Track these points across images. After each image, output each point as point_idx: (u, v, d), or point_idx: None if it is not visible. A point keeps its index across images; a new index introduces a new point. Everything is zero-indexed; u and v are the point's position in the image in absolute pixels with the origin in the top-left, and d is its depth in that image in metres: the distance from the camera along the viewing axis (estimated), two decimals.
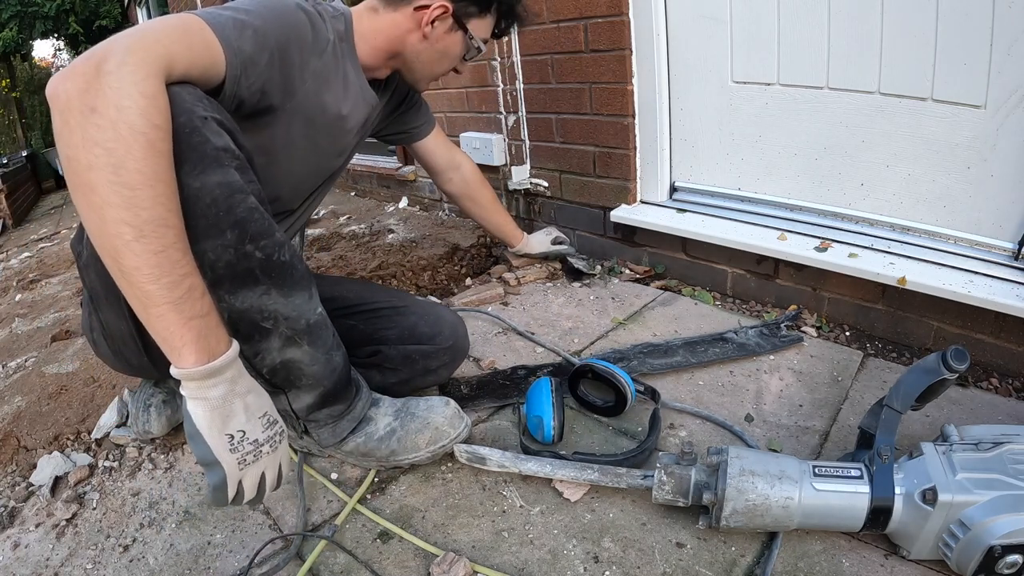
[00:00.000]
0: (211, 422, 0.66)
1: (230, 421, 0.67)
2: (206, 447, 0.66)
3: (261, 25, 0.76)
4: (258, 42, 0.76)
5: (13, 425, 1.23)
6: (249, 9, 0.77)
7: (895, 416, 0.79)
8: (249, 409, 0.69)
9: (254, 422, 0.69)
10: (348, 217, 2.69)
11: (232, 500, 0.69)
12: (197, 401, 0.66)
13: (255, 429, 0.69)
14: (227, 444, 0.67)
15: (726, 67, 1.40)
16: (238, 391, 0.68)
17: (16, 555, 0.91)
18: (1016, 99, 1.03)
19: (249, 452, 0.69)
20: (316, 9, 0.88)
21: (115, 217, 0.58)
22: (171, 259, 0.61)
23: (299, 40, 0.83)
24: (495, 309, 1.54)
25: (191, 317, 0.63)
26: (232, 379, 0.68)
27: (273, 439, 0.72)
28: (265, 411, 0.71)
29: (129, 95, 0.59)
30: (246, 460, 0.68)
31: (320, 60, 0.88)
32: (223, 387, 0.67)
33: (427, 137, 1.35)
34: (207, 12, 0.73)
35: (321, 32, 0.88)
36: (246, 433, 0.68)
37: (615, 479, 0.88)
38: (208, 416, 0.66)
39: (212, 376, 0.65)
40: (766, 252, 1.37)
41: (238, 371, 0.69)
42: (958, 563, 0.71)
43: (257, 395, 0.71)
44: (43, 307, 2.08)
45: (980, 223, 1.15)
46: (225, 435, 0.67)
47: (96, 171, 0.58)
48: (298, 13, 0.84)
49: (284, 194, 0.98)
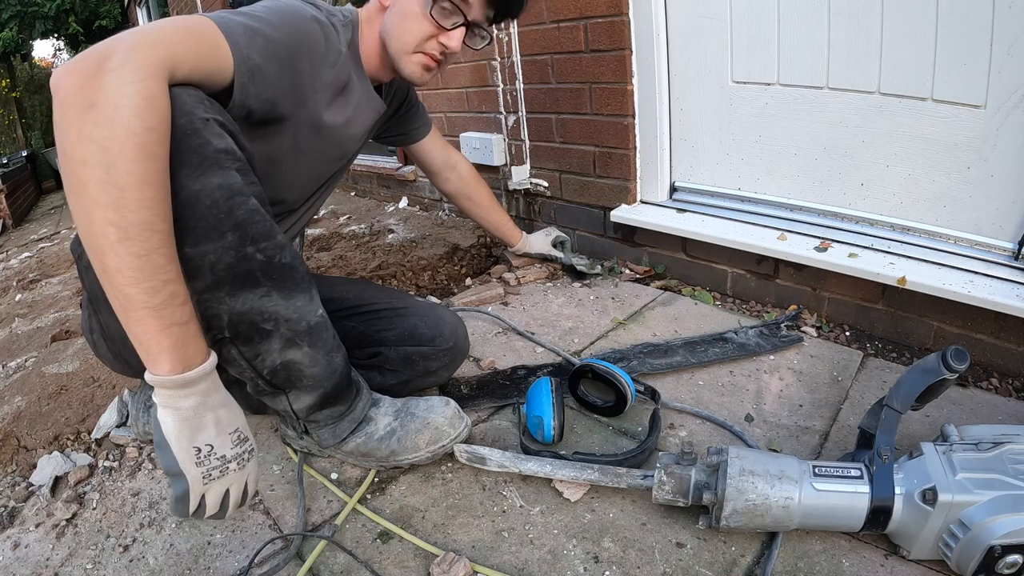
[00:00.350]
0: (180, 433, 0.65)
1: (199, 434, 0.66)
2: (172, 457, 0.65)
3: (273, 33, 0.76)
4: (268, 51, 0.75)
5: (13, 425, 1.23)
6: (263, 16, 0.76)
7: (895, 416, 0.79)
8: (220, 423, 0.68)
9: (223, 437, 0.68)
10: (348, 217, 2.69)
11: (193, 513, 0.68)
12: (167, 410, 0.65)
13: (224, 444, 0.68)
14: (193, 457, 0.66)
15: (726, 67, 1.40)
16: (210, 404, 0.67)
17: (16, 555, 0.91)
18: (1016, 99, 1.03)
19: (215, 467, 0.67)
20: (329, 20, 0.87)
21: (102, 217, 0.58)
22: (154, 264, 0.61)
23: (310, 51, 0.83)
24: (495, 309, 1.54)
25: (170, 324, 0.63)
26: (205, 391, 0.67)
27: (241, 456, 0.70)
28: (236, 427, 0.70)
29: (128, 94, 0.59)
30: (211, 475, 0.67)
31: (331, 71, 0.88)
32: (195, 399, 0.66)
33: (425, 138, 1.35)
34: (220, 16, 0.72)
35: (333, 43, 0.87)
36: (214, 448, 0.67)
37: (615, 479, 0.88)
38: (177, 426, 0.65)
39: (185, 387, 0.65)
40: (766, 252, 1.37)
41: (213, 384, 0.68)
42: (958, 563, 0.71)
43: (229, 410, 0.70)
44: (43, 307, 2.08)
45: (980, 223, 1.15)
46: (193, 447, 0.66)
47: (88, 168, 0.58)
48: (311, 24, 0.83)
49: (287, 197, 0.98)
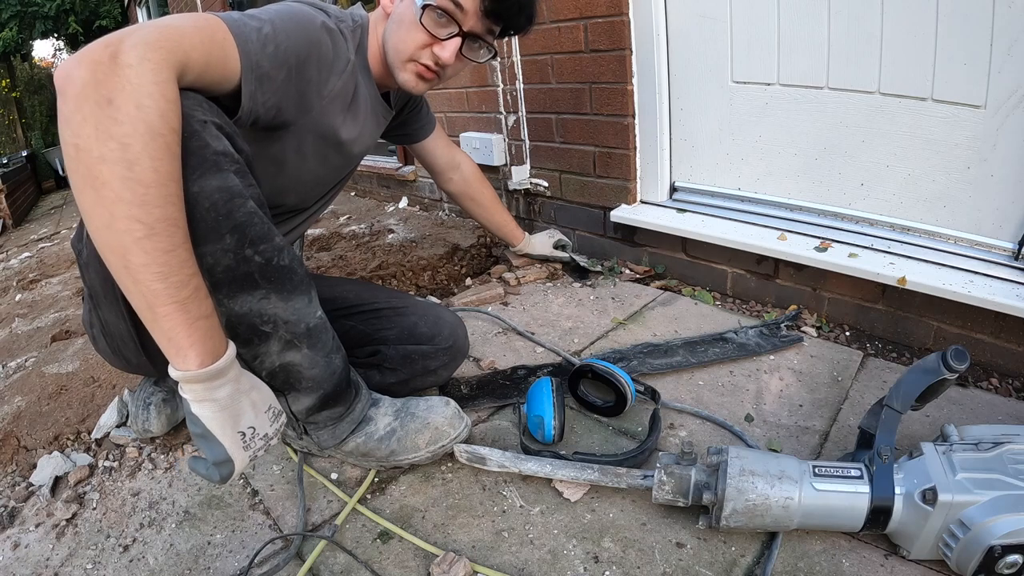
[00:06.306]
0: (223, 422, 0.67)
1: (240, 419, 0.69)
2: (220, 447, 0.67)
3: (284, 41, 0.75)
4: (278, 58, 0.75)
5: (13, 425, 1.23)
6: (274, 21, 0.76)
7: (895, 416, 0.79)
8: (256, 405, 0.71)
9: (262, 417, 0.71)
10: (348, 217, 2.69)
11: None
12: (204, 403, 0.66)
13: (263, 424, 0.71)
14: (240, 442, 0.68)
15: (726, 67, 1.40)
16: (243, 389, 0.70)
17: (16, 555, 0.91)
18: (1016, 99, 1.03)
19: (260, 447, 0.71)
20: (338, 27, 0.86)
21: (126, 213, 0.58)
22: (179, 258, 0.61)
23: (319, 59, 0.82)
24: (495, 309, 1.54)
25: (198, 318, 0.63)
26: (236, 378, 0.69)
27: (279, 431, 0.74)
28: (269, 404, 0.73)
29: (150, 95, 0.59)
30: (257, 455, 0.71)
31: (339, 79, 0.87)
32: (229, 387, 0.67)
33: (428, 138, 1.35)
34: (234, 21, 0.72)
35: (342, 51, 0.87)
36: (256, 429, 0.70)
37: (615, 479, 0.88)
38: (219, 417, 0.66)
39: (218, 377, 0.66)
40: (766, 252, 1.37)
41: (239, 369, 0.70)
42: (958, 563, 0.71)
43: (259, 390, 0.73)
44: (43, 307, 2.08)
45: (980, 223, 1.15)
46: (238, 433, 0.68)
47: (109, 164, 0.57)
48: (321, 32, 0.82)
49: (291, 201, 0.98)
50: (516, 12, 0.92)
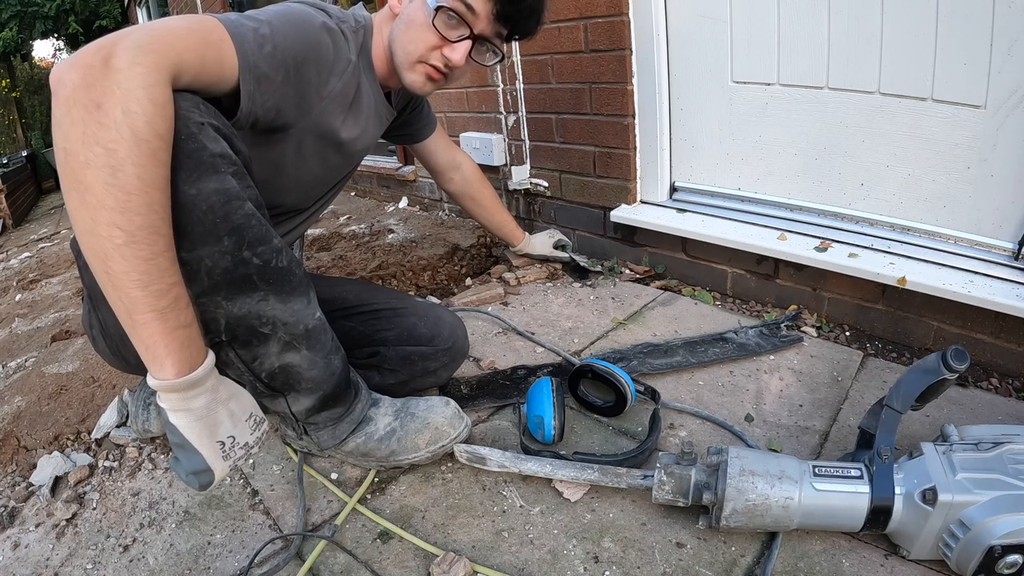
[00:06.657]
0: (200, 432, 0.66)
1: (218, 429, 0.68)
2: (198, 456, 0.67)
3: (282, 42, 0.75)
4: (276, 59, 0.74)
5: (13, 425, 1.23)
6: (272, 22, 0.75)
7: (895, 416, 0.79)
8: (234, 415, 0.70)
9: (241, 426, 0.70)
10: (348, 217, 2.69)
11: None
12: (180, 413, 0.66)
13: (244, 433, 0.70)
14: (219, 452, 0.68)
15: (726, 67, 1.40)
16: (220, 399, 0.69)
17: (16, 555, 0.91)
18: (1016, 99, 1.03)
19: (241, 457, 0.70)
20: (339, 27, 0.86)
21: (108, 220, 0.57)
22: (160, 267, 0.61)
23: (318, 60, 0.82)
24: (495, 309, 1.54)
25: (176, 327, 0.63)
26: (213, 388, 0.68)
27: (260, 439, 0.73)
28: (250, 412, 0.72)
29: (138, 99, 0.58)
30: (238, 465, 0.71)
31: (340, 80, 0.87)
32: (205, 397, 0.67)
33: (429, 138, 1.35)
34: (231, 21, 0.71)
35: (342, 52, 0.86)
36: (236, 438, 0.69)
37: (615, 479, 0.88)
38: (196, 426, 0.66)
39: (194, 387, 0.65)
40: (766, 252, 1.37)
41: (217, 379, 0.69)
42: (958, 563, 0.71)
43: (239, 399, 0.71)
44: (43, 307, 2.08)
45: (980, 223, 1.15)
46: (216, 443, 0.67)
47: (93, 170, 0.57)
48: (321, 32, 0.81)
49: (290, 201, 0.98)
50: (527, 16, 0.92)
